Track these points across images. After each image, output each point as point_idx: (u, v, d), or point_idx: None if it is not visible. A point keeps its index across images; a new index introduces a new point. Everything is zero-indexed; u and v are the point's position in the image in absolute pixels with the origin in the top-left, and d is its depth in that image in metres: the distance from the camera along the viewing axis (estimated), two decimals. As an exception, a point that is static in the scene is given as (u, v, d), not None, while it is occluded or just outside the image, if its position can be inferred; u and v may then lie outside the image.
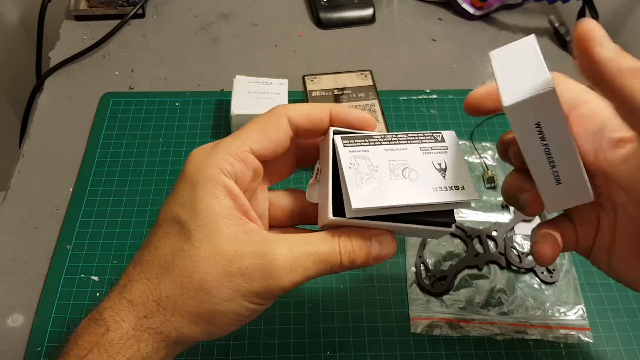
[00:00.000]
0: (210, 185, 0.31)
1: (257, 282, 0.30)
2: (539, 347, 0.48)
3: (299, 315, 0.49)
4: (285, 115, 0.33)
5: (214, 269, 0.30)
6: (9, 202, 0.56)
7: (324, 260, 0.31)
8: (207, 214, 0.30)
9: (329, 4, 0.76)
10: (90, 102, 0.64)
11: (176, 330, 0.30)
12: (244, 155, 0.32)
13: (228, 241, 0.30)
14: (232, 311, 0.30)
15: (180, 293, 0.30)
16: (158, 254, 0.31)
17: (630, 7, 0.72)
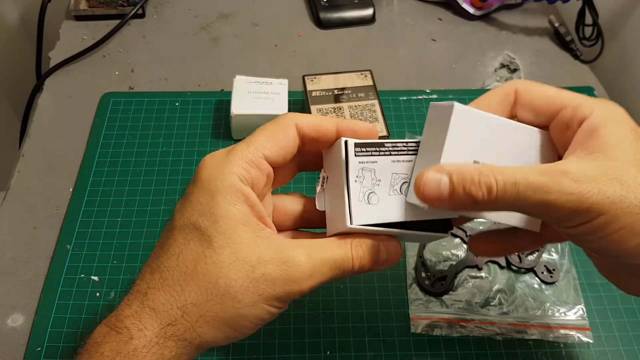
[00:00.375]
0: (229, 192, 0.31)
1: (279, 287, 0.31)
2: (539, 347, 0.48)
3: (299, 315, 0.49)
4: (294, 124, 0.34)
5: (238, 275, 0.30)
6: (9, 202, 0.56)
7: (338, 265, 0.33)
8: (227, 220, 0.31)
9: (329, 4, 0.76)
10: (90, 102, 0.64)
11: (200, 337, 0.31)
12: (259, 162, 0.33)
13: (249, 247, 0.31)
14: (255, 315, 0.31)
15: (206, 299, 0.30)
16: (179, 261, 0.31)
17: (630, 7, 0.72)
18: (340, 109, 0.59)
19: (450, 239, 0.54)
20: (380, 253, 0.34)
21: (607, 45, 0.71)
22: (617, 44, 0.73)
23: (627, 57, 0.72)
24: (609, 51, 0.72)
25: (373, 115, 0.59)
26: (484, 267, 0.52)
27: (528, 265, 0.52)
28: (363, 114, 0.59)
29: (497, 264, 0.53)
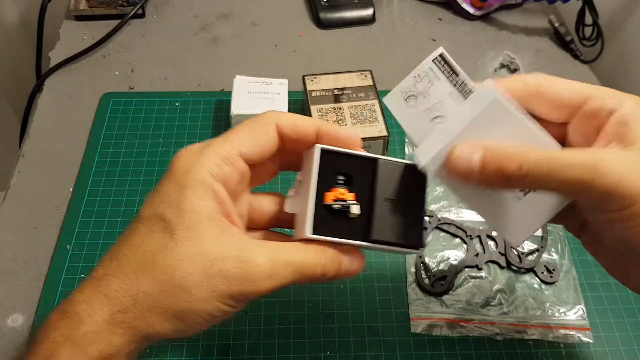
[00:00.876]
0: (199, 187, 0.31)
1: (235, 286, 0.31)
2: (539, 347, 0.48)
3: (299, 315, 0.49)
4: (274, 122, 0.34)
5: (195, 269, 0.30)
6: (9, 202, 0.56)
7: (299, 270, 0.32)
8: (192, 215, 0.31)
9: (329, 4, 0.76)
10: (90, 102, 0.64)
11: (149, 326, 0.31)
12: (234, 159, 0.32)
13: (211, 243, 0.31)
14: (205, 311, 0.31)
15: (160, 290, 0.30)
16: (139, 250, 0.31)
17: (630, 7, 0.72)
18: (340, 109, 0.59)
19: (450, 238, 0.54)
20: (342, 264, 0.34)
21: (607, 45, 0.71)
22: (617, 44, 0.73)
23: (627, 57, 0.72)
24: (609, 51, 0.72)
25: (373, 116, 0.59)
26: (484, 267, 0.52)
27: (528, 265, 0.52)
28: (363, 114, 0.59)
29: (497, 264, 0.53)
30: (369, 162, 0.34)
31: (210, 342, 0.47)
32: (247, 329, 0.48)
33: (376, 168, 0.34)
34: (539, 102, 0.35)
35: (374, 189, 0.34)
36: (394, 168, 0.34)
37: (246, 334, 0.48)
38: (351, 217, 0.33)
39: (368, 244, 0.33)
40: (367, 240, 0.33)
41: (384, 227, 0.33)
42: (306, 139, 0.35)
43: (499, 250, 0.53)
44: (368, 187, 0.34)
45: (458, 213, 0.56)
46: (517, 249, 0.53)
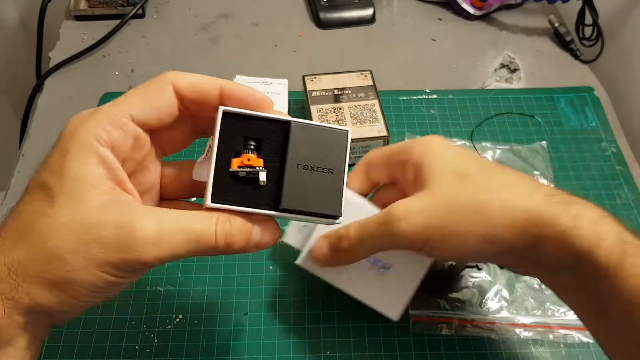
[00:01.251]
0: (82, 152, 0.29)
1: (114, 254, 0.28)
2: (539, 347, 0.48)
3: (298, 315, 0.49)
4: (169, 82, 0.31)
5: (69, 236, 0.28)
6: (9, 202, 0.56)
7: (195, 239, 0.30)
8: (74, 181, 0.29)
9: (329, 4, 0.76)
10: (90, 102, 0.64)
11: (28, 296, 0.29)
12: (123, 122, 0.30)
13: (91, 210, 0.29)
14: (86, 281, 0.29)
15: (33, 258, 0.29)
16: (19, 219, 0.30)
17: (630, 7, 0.72)
18: (340, 109, 0.59)
19: (450, 239, 0.54)
20: (253, 233, 0.31)
21: (607, 45, 0.71)
22: (617, 44, 0.73)
23: (627, 57, 0.72)
24: (609, 51, 0.72)
25: (373, 115, 0.59)
26: (484, 267, 0.52)
27: (528, 265, 0.52)
28: (363, 114, 0.59)
29: (497, 264, 0.53)
30: (281, 126, 0.32)
31: (210, 342, 0.47)
32: (247, 329, 0.48)
33: (289, 132, 0.31)
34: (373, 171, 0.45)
35: (285, 154, 0.31)
36: (311, 132, 0.32)
37: (246, 334, 0.48)
38: (260, 184, 0.31)
39: (277, 213, 0.31)
40: (276, 209, 0.31)
41: (296, 195, 0.31)
42: (208, 100, 0.32)
43: (499, 250, 0.53)
44: (279, 153, 0.32)
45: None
46: (517, 249, 0.53)
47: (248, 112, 0.32)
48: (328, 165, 0.32)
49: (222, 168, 0.31)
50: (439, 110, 0.65)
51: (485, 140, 0.62)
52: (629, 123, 0.67)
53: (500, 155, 0.61)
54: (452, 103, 0.65)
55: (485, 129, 0.63)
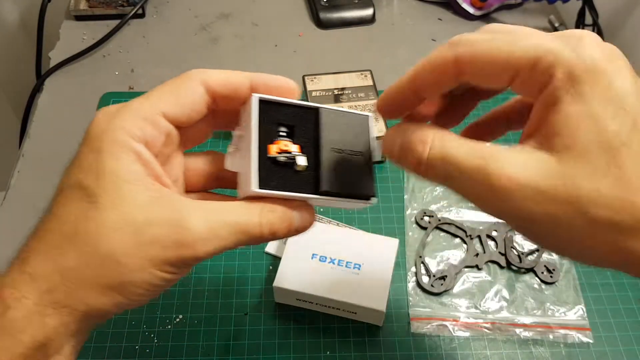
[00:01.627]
0: (117, 149, 0.28)
1: (169, 252, 0.28)
2: (539, 347, 0.48)
3: (299, 315, 0.49)
4: (199, 79, 0.31)
5: (123, 238, 0.28)
6: (9, 202, 0.56)
7: (241, 230, 0.29)
8: (113, 178, 0.28)
9: (329, 4, 0.76)
10: (90, 102, 0.64)
11: (83, 303, 0.28)
12: (155, 119, 0.30)
13: (138, 208, 0.28)
14: (144, 281, 0.28)
15: (86, 264, 0.28)
16: (60, 222, 0.29)
17: (630, 7, 0.72)
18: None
19: (450, 238, 0.54)
20: (294, 220, 0.31)
21: (607, 45, 0.71)
22: (617, 44, 0.73)
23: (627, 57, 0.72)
24: (609, 51, 0.72)
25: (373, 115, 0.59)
26: (484, 267, 0.52)
27: (528, 265, 0.52)
28: (363, 114, 0.59)
29: (497, 264, 0.53)
30: (310, 112, 0.32)
31: (210, 342, 0.47)
32: (247, 329, 0.48)
33: (319, 118, 0.32)
34: (469, 79, 0.28)
35: (319, 140, 0.32)
36: (338, 117, 0.33)
37: (246, 334, 0.48)
38: (297, 170, 0.31)
39: (318, 197, 0.31)
40: (317, 192, 0.31)
41: (333, 178, 0.31)
42: (239, 94, 0.32)
43: (499, 250, 0.53)
44: (312, 138, 0.32)
45: (458, 213, 0.56)
46: (517, 249, 0.53)
47: (282, 100, 0.32)
48: (357, 148, 0.32)
49: (261, 155, 0.31)
50: (439, 110, 0.65)
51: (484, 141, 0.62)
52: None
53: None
54: (452, 103, 0.65)
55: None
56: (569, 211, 0.24)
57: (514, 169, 0.25)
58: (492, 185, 0.26)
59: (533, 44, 0.25)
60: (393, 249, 0.49)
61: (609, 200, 0.24)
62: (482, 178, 0.26)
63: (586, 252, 0.26)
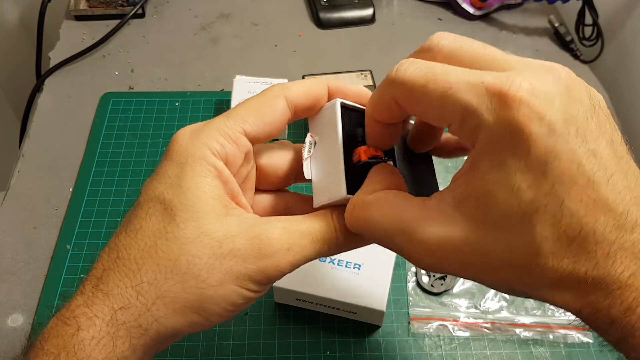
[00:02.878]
0: (200, 165, 0.28)
1: (251, 264, 0.28)
2: (539, 347, 0.48)
3: (299, 315, 0.49)
4: (282, 96, 0.31)
5: (203, 251, 0.27)
6: (9, 202, 0.56)
7: (320, 238, 0.29)
8: (194, 193, 0.28)
9: (329, 3, 0.76)
10: (90, 102, 0.64)
11: (157, 322, 0.27)
12: (236, 137, 0.30)
13: (217, 222, 0.28)
14: (223, 297, 0.28)
15: (165, 278, 0.27)
16: (138, 237, 0.28)
17: (630, 7, 0.72)
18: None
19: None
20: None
21: (607, 45, 0.71)
22: (617, 44, 0.73)
23: (627, 57, 0.72)
24: (609, 51, 0.72)
25: (373, 115, 0.59)
26: (484, 267, 0.52)
27: (528, 265, 0.52)
28: (363, 114, 0.59)
29: (497, 264, 0.53)
30: None
31: (210, 342, 0.47)
32: (247, 329, 0.48)
33: None
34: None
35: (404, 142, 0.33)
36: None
37: (246, 334, 0.48)
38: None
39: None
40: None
41: (411, 182, 0.32)
42: (320, 102, 0.32)
43: (499, 250, 0.53)
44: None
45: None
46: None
47: (358, 106, 0.32)
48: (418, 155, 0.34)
49: (346, 160, 0.31)
50: (439, 110, 0.65)
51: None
52: (628, 123, 0.67)
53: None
54: (452, 103, 0.65)
55: (485, 129, 0.63)
56: (486, 276, 0.25)
57: (433, 236, 0.26)
58: (414, 248, 0.26)
59: (460, 102, 0.24)
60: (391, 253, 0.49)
61: (515, 271, 0.24)
62: (405, 242, 0.27)
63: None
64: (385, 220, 0.27)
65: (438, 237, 0.25)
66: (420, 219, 0.26)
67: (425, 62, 0.27)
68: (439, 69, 0.25)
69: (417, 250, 0.26)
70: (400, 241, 0.27)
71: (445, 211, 0.25)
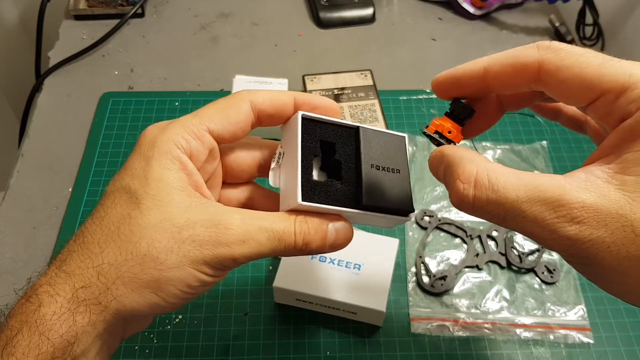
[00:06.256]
0: (165, 158, 0.30)
1: (207, 250, 0.29)
2: (540, 347, 0.48)
3: (298, 316, 0.49)
4: (247, 100, 0.33)
5: (163, 235, 0.29)
6: (9, 202, 0.56)
7: (277, 237, 0.31)
8: (159, 184, 0.30)
9: (329, 3, 0.75)
10: (89, 101, 0.64)
11: (115, 300, 0.28)
12: (201, 134, 0.32)
13: (180, 210, 0.30)
14: (180, 279, 0.29)
15: (125, 259, 0.29)
16: (103, 223, 0.30)
17: (630, 7, 0.71)
18: (341, 108, 0.59)
19: (450, 238, 0.54)
20: (329, 234, 0.32)
21: (607, 44, 0.71)
22: (617, 44, 0.73)
23: (628, 56, 0.71)
24: (609, 51, 0.72)
25: (373, 115, 0.59)
26: (484, 267, 0.52)
27: (528, 265, 0.52)
28: (363, 113, 0.59)
29: (497, 264, 0.53)
30: (350, 130, 0.34)
31: (210, 342, 0.47)
32: (247, 329, 0.48)
33: (358, 136, 0.33)
34: (545, 88, 0.28)
35: (359, 156, 0.33)
36: (376, 136, 0.34)
37: (246, 334, 0.48)
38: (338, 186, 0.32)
39: (359, 211, 0.32)
40: (358, 207, 0.32)
41: (374, 192, 0.32)
42: (284, 113, 0.33)
43: (499, 250, 0.53)
44: (352, 155, 0.33)
45: (458, 213, 0.56)
46: (518, 249, 0.53)
47: (323, 118, 0.33)
48: (395, 166, 0.34)
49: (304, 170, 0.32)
50: (439, 109, 0.65)
51: (485, 140, 0.62)
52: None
53: (500, 155, 0.60)
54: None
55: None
56: (629, 248, 0.24)
57: (581, 203, 0.24)
58: (560, 235, 0.25)
59: (626, 70, 0.24)
60: (393, 249, 0.49)
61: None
62: (548, 227, 0.25)
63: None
64: (521, 186, 0.25)
65: (588, 204, 0.24)
66: (566, 186, 0.24)
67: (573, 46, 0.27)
68: (593, 53, 0.26)
69: (559, 218, 0.24)
70: (538, 211, 0.25)
71: (594, 182, 0.24)
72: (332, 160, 0.33)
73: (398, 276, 0.51)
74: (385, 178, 0.33)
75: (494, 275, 0.52)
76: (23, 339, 0.27)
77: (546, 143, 0.61)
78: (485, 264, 0.52)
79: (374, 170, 0.33)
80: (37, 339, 0.27)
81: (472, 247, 0.53)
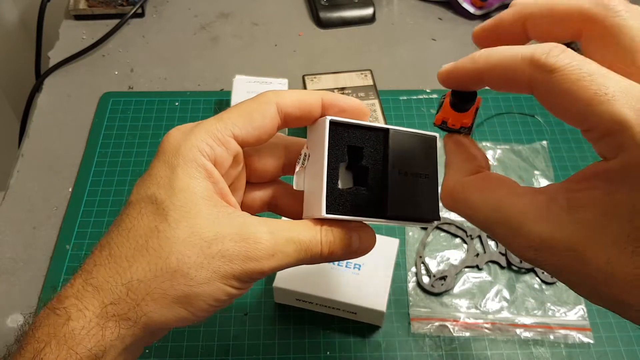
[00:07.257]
0: (190, 166, 0.30)
1: (237, 265, 0.29)
2: (540, 347, 0.48)
3: (298, 316, 0.49)
4: (274, 102, 0.32)
5: (192, 250, 0.28)
6: (9, 202, 0.56)
7: (304, 248, 0.31)
8: (186, 194, 0.29)
9: (329, 3, 0.75)
10: (89, 101, 0.64)
11: (145, 315, 0.28)
12: (226, 140, 0.31)
13: (208, 222, 0.29)
14: (209, 294, 0.29)
15: (155, 276, 0.28)
16: (130, 235, 0.29)
17: (630, 7, 0.71)
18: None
19: (450, 238, 0.54)
20: (353, 241, 0.32)
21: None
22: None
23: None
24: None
25: (373, 115, 0.59)
26: (485, 267, 0.52)
27: (528, 265, 0.52)
28: (363, 113, 0.59)
29: (497, 264, 0.52)
30: (380, 133, 0.32)
31: (210, 342, 0.47)
32: (247, 329, 0.48)
33: (387, 139, 0.32)
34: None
35: (386, 162, 0.32)
36: (405, 138, 0.32)
37: (246, 334, 0.48)
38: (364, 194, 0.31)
39: (384, 221, 0.32)
40: (383, 216, 0.31)
41: (400, 202, 0.31)
42: (312, 114, 0.32)
43: (499, 250, 0.53)
44: (380, 160, 0.32)
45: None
46: (518, 249, 0.53)
47: (352, 122, 0.32)
48: (424, 170, 0.33)
49: (330, 180, 0.31)
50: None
51: (485, 140, 0.62)
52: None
53: (500, 155, 0.60)
54: (452, 103, 0.65)
55: (486, 129, 0.63)
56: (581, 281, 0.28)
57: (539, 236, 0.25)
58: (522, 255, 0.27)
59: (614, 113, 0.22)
60: (393, 249, 0.49)
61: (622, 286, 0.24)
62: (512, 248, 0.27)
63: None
64: (488, 208, 0.27)
65: (544, 238, 0.25)
66: (527, 213, 0.25)
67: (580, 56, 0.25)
68: (595, 68, 0.24)
69: (519, 243, 0.26)
70: (503, 233, 0.26)
71: (555, 212, 0.25)
72: (359, 166, 0.32)
73: (398, 276, 0.51)
74: (412, 185, 0.32)
75: (494, 275, 0.52)
76: (51, 352, 0.27)
77: (546, 143, 0.61)
78: (486, 264, 0.52)
79: (402, 176, 0.32)
80: (65, 353, 0.27)
81: (472, 247, 0.53)
